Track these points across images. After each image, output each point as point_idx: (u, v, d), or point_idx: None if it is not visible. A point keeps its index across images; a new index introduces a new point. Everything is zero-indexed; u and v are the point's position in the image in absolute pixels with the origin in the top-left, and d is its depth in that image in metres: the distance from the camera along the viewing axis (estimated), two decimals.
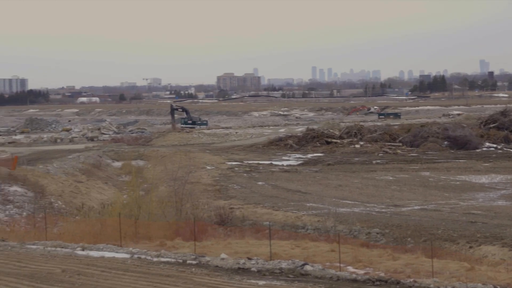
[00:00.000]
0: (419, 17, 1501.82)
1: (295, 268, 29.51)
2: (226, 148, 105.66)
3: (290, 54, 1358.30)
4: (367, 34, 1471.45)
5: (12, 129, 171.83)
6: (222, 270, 29.68)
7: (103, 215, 51.43)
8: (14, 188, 59.62)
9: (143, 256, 32.48)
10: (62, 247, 35.14)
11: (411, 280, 27.65)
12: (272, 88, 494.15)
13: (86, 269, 29.66)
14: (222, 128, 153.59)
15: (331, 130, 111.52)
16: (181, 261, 31.40)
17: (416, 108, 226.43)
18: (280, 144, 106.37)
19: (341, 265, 30.97)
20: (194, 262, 31.13)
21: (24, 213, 53.46)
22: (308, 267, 29.56)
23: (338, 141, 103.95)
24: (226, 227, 47.44)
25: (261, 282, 27.61)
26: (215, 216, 50.78)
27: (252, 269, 29.75)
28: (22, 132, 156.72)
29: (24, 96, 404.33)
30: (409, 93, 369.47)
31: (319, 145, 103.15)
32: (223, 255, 32.55)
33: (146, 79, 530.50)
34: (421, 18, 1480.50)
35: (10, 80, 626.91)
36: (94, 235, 40.28)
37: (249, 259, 31.50)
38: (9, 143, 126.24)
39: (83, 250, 34.43)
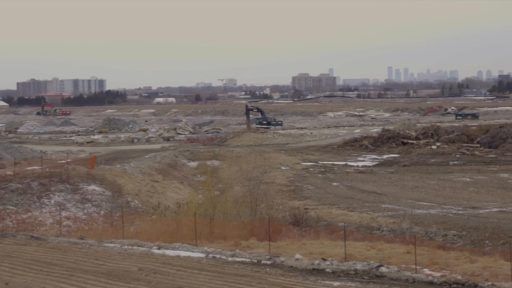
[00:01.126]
0: (498, 13, 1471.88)
1: (370, 270, 29.29)
2: (300, 149, 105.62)
3: (365, 52, 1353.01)
4: (444, 32, 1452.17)
5: (90, 129, 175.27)
6: (296, 271, 29.66)
7: (179, 214, 51.98)
8: (92, 187, 60.75)
9: (218, 256, 32.67)
10: (139, 246, 35.63)
11: (489, 283, 27.16)
12: (347, 88, 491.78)
13: (162, 267, 30.01)
14: (297, 128, 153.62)
15: (407, 131, 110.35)
16: (255, 261, 31.48)
17: (495, 108, 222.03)
18: (355, 145, 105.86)
19: (417, 267, 30.63)
20: (268, 262, 31.18)
21: (102, 212, 54.50)
22: (383, 269, 29.30)
23: (414, 142, 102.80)
24: (300, 227, 47.40)
25: (335, 283, 27.50)
26: (289, 216, 50.80)
27: (327, 270, 29.64)
28: (100, 132, 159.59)
29: (102, 97, 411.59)
30: (488, 93, 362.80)
31: (394, 146, 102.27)
32: (297, 256, 32.50)
33: (222, 80, 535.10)
34: (502, 14, 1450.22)
35: (89, 81, 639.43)
36: (170, 234, 40.72)
37: (324, 260, 31.39)
38: (87, 142, 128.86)
39: (159, 249, 34.84)
